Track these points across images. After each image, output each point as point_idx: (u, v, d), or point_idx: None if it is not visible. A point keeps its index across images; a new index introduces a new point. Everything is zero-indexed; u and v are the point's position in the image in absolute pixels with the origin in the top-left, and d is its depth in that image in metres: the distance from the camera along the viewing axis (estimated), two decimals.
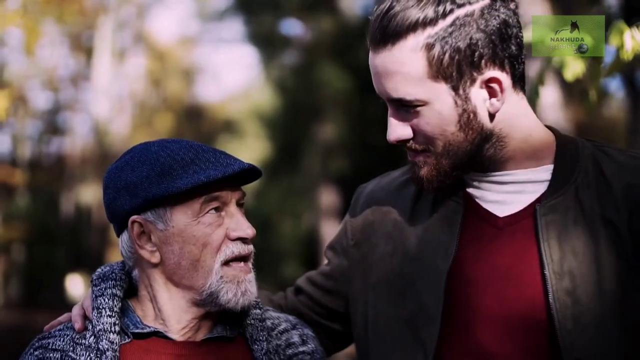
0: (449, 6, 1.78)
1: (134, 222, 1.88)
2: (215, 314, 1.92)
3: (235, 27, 36.03)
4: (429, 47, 1.77)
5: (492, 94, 1.83)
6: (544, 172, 1.89)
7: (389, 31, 1.79)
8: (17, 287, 26.37)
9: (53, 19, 25.36)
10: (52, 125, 29.98)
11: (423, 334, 1.87)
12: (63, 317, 2.00)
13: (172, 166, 1.84)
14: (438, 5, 1.78)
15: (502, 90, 1.82)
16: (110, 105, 29.29)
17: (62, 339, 1.90)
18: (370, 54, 1.85)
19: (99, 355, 1.84)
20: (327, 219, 21.71)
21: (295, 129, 23.76)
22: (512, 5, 1.83)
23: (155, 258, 1.88)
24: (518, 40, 1.83)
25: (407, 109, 1.83)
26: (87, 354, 1.85)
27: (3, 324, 22.42)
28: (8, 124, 26.61)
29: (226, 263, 1.87)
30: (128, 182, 1.87)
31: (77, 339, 1.89)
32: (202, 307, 1.89)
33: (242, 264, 1.89)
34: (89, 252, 27.22)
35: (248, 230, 1.88)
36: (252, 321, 1.95)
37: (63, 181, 28.35)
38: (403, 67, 1.80)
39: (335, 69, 21.76)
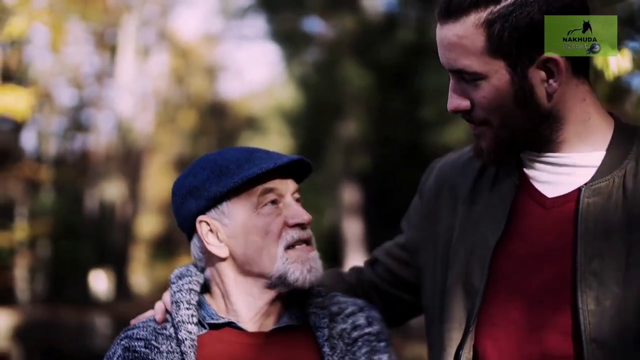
0: None
1: (200, 222, 2.04)
2: (283, 302, 2.06)
3: (258, 24, 36.05)
4: (490, 23, 1.83)
5: (549, 74, 1.87)
6: (597, 158, 1.93)
7: (454, 6, 1.86)
8: (42, 283, 26.53)
9: (78, 17, 25.51)
10: (77, 122, 30.15)
11: (467, 305, 1.96)
12: (147, 313, 2.14)
13: (229, 167, 2.01)
14: None
15: (559, 72, 1.86)
16: (134, 103, 29.43)
17: (145, 329, 2.05)
18: (437, 27, 1.92)
19: (178, 344, 1.98)
20: (350, 215, 21.75)
21: (318, 126, 23.78)
22: None
23: (224, 253, 2.03)
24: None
25: (466, 81, 1.91)
26: (168, 342, 2.00)
27: (29, 318, 22.59)
28: (33, 121, 26.82)
29: (289, 247, 2.01)
30: (192, 187, 2.04)
31: (159, 329, 2.04)
32: (273, 289, 2.02)
33: (304, 245, 2.03)
34: (113, 248, 27.36)
35: (304, 216, 2.03)
36: (314, 309, 2.08)
37: (87, 178, 28.51)
38: (464, 41, 1.87)
39: (357, 67, 21.77)
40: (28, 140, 28.77)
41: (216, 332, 2.04)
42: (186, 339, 1.98)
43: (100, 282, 27.85)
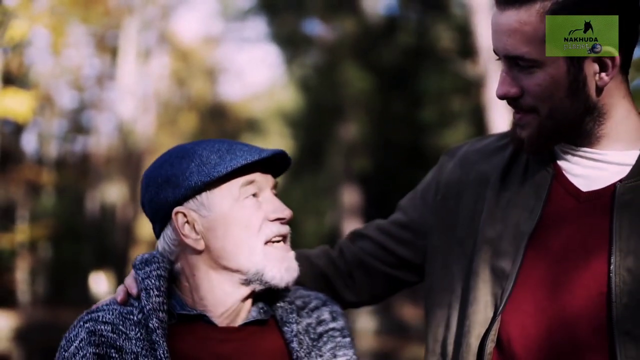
0: None
1: (177, 213, 1.95)
2: (253, 298, 2.00)
3: (259, 26, 36.15)
4: (554, 13, 1.84)
5: (602, 68, 1.88)
6: (631, 156, 1.95)
7: None
8: (43, 285, 26.57)
9: (79, 20, 25.56)
10: (78, 125, 30.20)
11: (496, 290, 1.96)
12: (107, 298, 2.05)
13: (210, 157, 1.94)
14: None
15: (613, 66, 1.88)
16: (135, 105, 29.47)
17: (110, 312, 1.94)
18: (495, 12, 1.92)
19: (149, 333, 1.89)
20: (350, 217, 21.80)
21: (318, 128, 23.84)
22: None
23: (201, 245, 1.95)
24: (637, 24, 1.91)
25: (520, 68, 1.91)
26: (137, 329, 1.91)
27: (30, 320, 22.64)
28: (35, 123, 26.87)
29: (268, 243, 1.95)
30: (169, 175, 1.96)
31: (125, 313, 1.94)
32: (247, 286, 1.96)
33: (282, 243, 1.98)
34: (114, 250, 27.39)
35: (285, 211, 1.98)
36: (282, 303, 2.03)
37: (88, 180, 28.55)
38: (526, 27, 1.87)
39: (357, 69, 21.83)
40: (29, 143, 28.87)
41: (185, 324, 1.96)
42: (157, 327, 1.89)
43: (100, 283, 27.88)
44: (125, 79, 28.67)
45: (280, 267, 1.95)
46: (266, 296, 2.02)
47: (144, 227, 29.45)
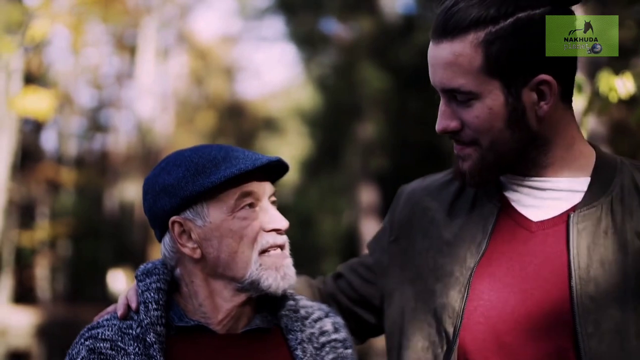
0: (511, 7, 1.83)
1: (174, 222, 1.94)
2: (254, 304, 2.00)
3: (276, 25, 36.28)
4: (488, 43, 1.82)
5: (541, 97, 1.86)
6: (581, 184, 1.93)
7: (452, 25, 1.84)
8: (63, 282, 26.77)
9: (98, 19, 25.72)
10: (96, 123, 30.38)
11: (447, 328, 1.92)
12: (109, 308, 2.06)
13: (205, 165, 1.92)
14: (501, 5, 1.83)
15: (551, 95, 1.85)
16: (154, 103, 29.63)
17: (110, 328, 1.95)
18: (431, 45, 1.88)
19: (147, 347, 1.89)
20: (367, 216, 21.85)
21: (336, 128, 23.87)
22: (573, 14, 1.87)
23: (197, 254, 1.94)
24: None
25: (459, 101, 1.88)
26: (135, 344, 1.91)
27: (50, 317, 22.83)
28: (54, 122, 27.07)
29: (263, 252, 1.93)
30: (166, 185, 1.95)
31: (124, 328, 1.94)
32: (244, 293, 1.95)
33: (278, 250, 1.96)
34: (132, 247, 27.54)
35: (282, 222, 1.95)
36: (287, 312, 2.02)
37: (107, 178, 28.72)
38: (461, 59, 1.84)
39: (375, 68, 21.86)
40: (49, 141, 29.09)
41: (185, 334, 1.96)
42: (155, 342, 1.89)
43: (118, 281, 28.02)
44: (144, 77, 28.83)
45: (276, 275, 1.93)
46: (271, 305, 2.03)
47: None
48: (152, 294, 1.95)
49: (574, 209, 1.90)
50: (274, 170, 2.01)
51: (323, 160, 24.81)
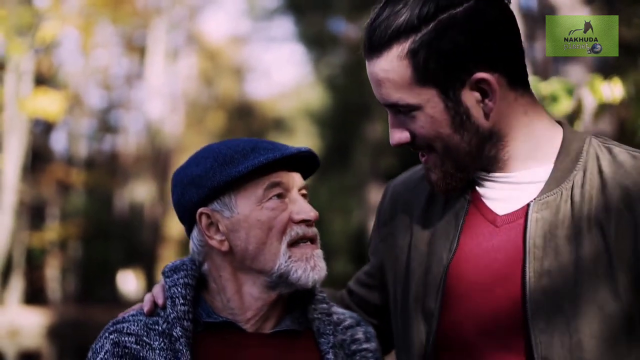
0: (431, 10, 1.77)
1: (201, 214, 1.91)
2: (284, 305, 1.95)
3: (285, 26, 36.32)
4: (414, 53, 1.77)
5: (484, 94, 1.80)
6: (545, 172, 1.87)
7: (375, 41, 1.80)
8: (73, 283, 26.83)
9: (108, 20, 25.80)
10: (106, 124, 30.46)
11: (424, 327, 1.90)
12: (136, 306, 2.03)
13: (234, 156, 1.89)
14: (420, 10, 1.77)
15: (492, 90, 1.79)
16: (163, 104, 29.69)
17: (135, 324, 1.91)
18: (366, 63, 1.85)
19: (172, 342, 1.86)
20: None
21: (345, 127, 23.89)
22: (501, 5, 1.81)
23: (225, 246, 1.90)
24: (511, 38, 1.81)
25: (403, 113, 1.83)
26: (161, 339, 1.87)
27: (60, 317, 22.89)
28: (64, 123, 27.15)
29: (292, 244, 1.89)
30: (194, 176, 1.92)
31: (150, 324, 1.91)
32: (273, 290, 1.91)
33: (308, 242, 1.91)
34: (142, 248, 27.60)
35: (311, 213, 1.91)
36: (319, 315, 1.98)
37: (117, 179, 28.79)
38: (391, 74, 1.80)
39: None
40: (59, 142, 29.18)
41: (213, 331, 1.91)
42: (181, 336, 1.85)
43: (129, 282, 28.10)
44: (154, 78, 28.89)
45: (306, 266, 1.89)
46: (304, 307, 1.99)
47: (173, 225, 29.70)
48: (179, 289, 1.92)
49: (534, 198, 1.85)
50: (305, 162, 1.97)
51: (333, 160, 24.81)
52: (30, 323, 22.19)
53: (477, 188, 1.93)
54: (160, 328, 1.89)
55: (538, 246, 1.80)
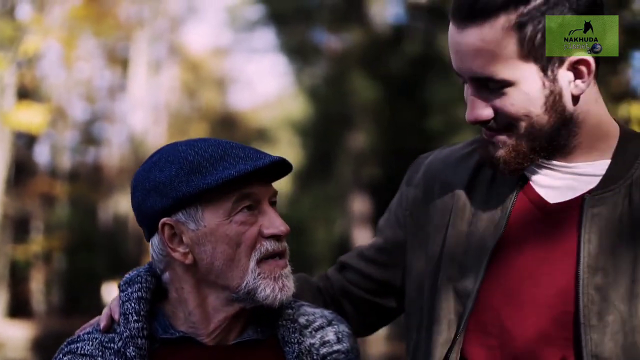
0: None
1: (164, 224, 1.79)
2: (247, 315, 1.86)
3: (267, 37, 36.47)
4: (521, 26, 1.69)
5: (578, 75, 1.76)
6: (603, 166, 1.82)
7: (479, 7, 1.70)
8: (58, 295, 26.80)
9: (90, 33, 25.87)
10: (90, 136, 30.49)
11: (459, 308, 1.84)
12: (93, 320, 1.94)
13: (201, 164, 1.76)
14: None
15: (589, 73, 1.76)
16: (146, 116, 29.76)
17: (90, 342, 1.83)
18: (454, 30, 1.75)
19: None
20: (359, 225, 21.98)
21: (327, 137, 24.02)
22: None
23: (188, 260, 1.79)
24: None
25: (490, 89, 1.76)
26: (116, 359, 1.79)
27: (46, 330, 22.88)
28: (47, 136, 27.17)
29: (261, 260, 1.79)
30: (157, 183, 1.79)
31: (106, 342, 1.82)
32: (237, 304, 1.81)
33: (277, 259, 1.81)
34: (127, 259, 27.59)
35: (281, 227, 1.80)
36: (284, 322, 1.87)
37: (101, 191, 28.82)
38: (492, 46, 1.71)
39: (365, 78, 22.01)
40: (42, 155, 29.16)
41: (171, 346, 1.82)
42: (135, 356, 1.76)
43: (114, 293, 28.06)
44: (136, 90, 28.96)
45: (275, 286, 1.79)
46: (267, 313, 1.88)
47: None
48: (132, 304, 1.82)
49: (590, 192, 1.80)
50: (275, 169, 1.84)
51: (315, 170, 24.96)
52: (15, 336, 22.17)
53: (526, 172, 1.87)
54: (115, 346, 1.80)
55: (593, 242, 1.76)
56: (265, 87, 49.87)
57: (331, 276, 2.18)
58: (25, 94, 23.63)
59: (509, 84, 1.74)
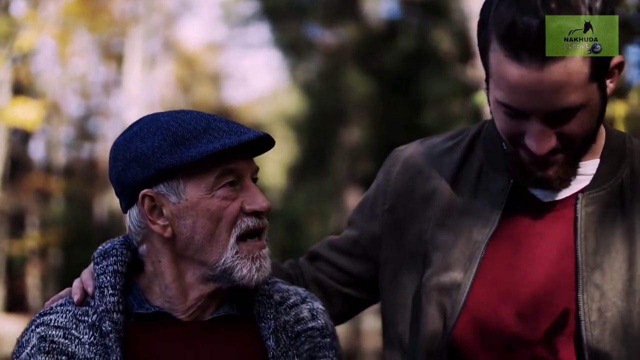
0: (604, 3, 1.70)
1: (145, 195, 1.78)
2: (223, 294, 1.84)
3: (261, 32, 36.52)
4: (596, 49, 1.69)
5: (611, 76, 1.77)
6: (592, 166, 1.84)
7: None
8: (54, 291, 26.77)
9: (85, 29, 25.88)
10: (85, 132, 30.50)
11: (448, 303, 1.83)
12: (64, 292, 1.92)
13: (185, 136, 1.75)
14: (595, 2, 1.68)
15: (620, 73, 1.77)
16: (141, 111, 29.76)
17: (63, 315, 1.80)
18: (526, 70, 1.67)
19: (102, 336, 1.75)
20: None
21: (321, 132, 24.07)
22: None
23: (167, 232, 1.78)
24: None
25: (562, 119, 1.73)
26: (91, 332, 1.77)
27: None
28: (42, 131, 27.19)
29: (241, 238, 1.78)
30: (138, 153, 1.77)
31: (80, 315, 1.80)
32: (213, 283, 1.80)
33: (256, 239, 1.80)
34: None
35: (263, 204, 1.78)
36: (260, 297, 1.86)
37: (96, 186, 28.84)
38: (574, 77, 1.68)
39: (359, 74, 22.08)
40: (37, 151, 29.17)
41: (146, 321, 1.80)
42: (111, 331, 1.73)
43: None
44: (131, 86, 28.96)
45: (252, 266, 1.78)
46: (242, 290, 1.86)
47: None
48: (108, 278, 1.80)
49: (582, 191, 1.83)
50: (258, 144, 1.83)
51: (309, 165, 24.99)
52: (11, 331, 22.15)
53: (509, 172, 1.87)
54: (90, 320, 1.78)
55: (590, 240, 1.78)
56: (260, 82, 49.86)
57: (302, 265, 2.16)
58: (20, 90, 23.65)
59: (582, 107, 1.73)
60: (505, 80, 1.70)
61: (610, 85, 1.78)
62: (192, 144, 1.74)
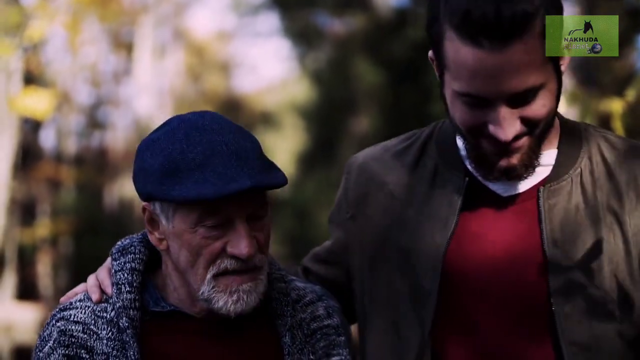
0: None
1: (145, 208, 1.81)
2: None
3: (271, 21, 36.50)
4: (544, 25, 1.65)
5: (562, 58, 1.75)
6: (550, 156, 1.82)
7: (519, 20, 1.61)
8: (65, 278, 26.96)
9: (95, 18, 25.95)
10: (95, 120, 30.60)
11: (419, 310, 1.81)
12: (78, 288, 1.92)
13: (178, 167, 1.72)
14: None
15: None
16: (151, 100, 29.87)
17: (83, 311, 1.82)
18: (483, 53, 1.63)
19: (120, 332, 1.77)
20: None
21: (331, 121, 24.09)
22: None
23: (163, 245, 1.81)
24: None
25: (522, 101, 1.69)
26: (109, 328, 1.78)
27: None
28: (53, 120, 27.30)
29: (219, 274, 1.76)
30: (145, 166, 1.78)
31: (98, 311, 1.82)
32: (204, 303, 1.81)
33: (239, 274, 1.76)
34: None
35: (244, 250, 1.73)
36: (277, 295, 1.86)
37: (106, 175, 28.95)
38: (532, 56, 1.65)
39: (369, 63, 22.10)
40: (48, 140, 29.30)
41: (162, 319, 1.82)
42: (128, 327, 1.76)
43: None
44: (141, 75, 29.04)
45: (228, 299, 1.75)
46: None
47: None
48: (125, 275, 1.81)
49: (542, 183, 1.80)
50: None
51: (319, 154, 25.02)
52: (23, 318, 22.39)
53: (470, 167, 1.84)
54: (108, 316, 1.80)
55: (556, 232, 1.76)
56: (269, 71, 49.82)
57: (301, 276, 2.12)
58: (31, 79, 23.75)
59: (542, 87, 1.70)
60: (464, 67, 1.67)
61: (562, 67, 1.74)
62: (180, 180, 1.71)
